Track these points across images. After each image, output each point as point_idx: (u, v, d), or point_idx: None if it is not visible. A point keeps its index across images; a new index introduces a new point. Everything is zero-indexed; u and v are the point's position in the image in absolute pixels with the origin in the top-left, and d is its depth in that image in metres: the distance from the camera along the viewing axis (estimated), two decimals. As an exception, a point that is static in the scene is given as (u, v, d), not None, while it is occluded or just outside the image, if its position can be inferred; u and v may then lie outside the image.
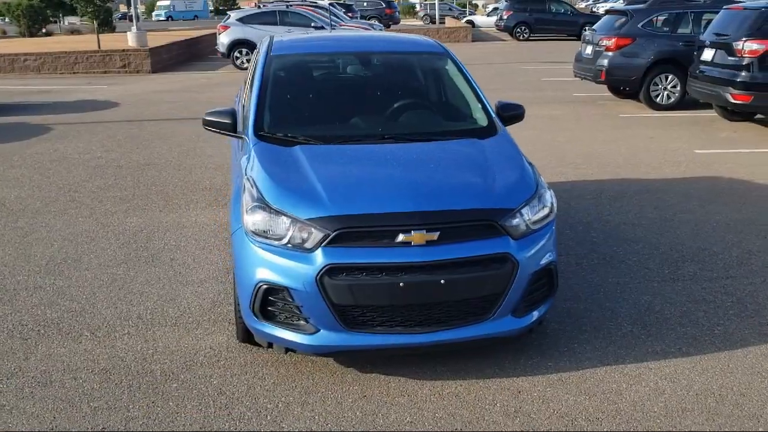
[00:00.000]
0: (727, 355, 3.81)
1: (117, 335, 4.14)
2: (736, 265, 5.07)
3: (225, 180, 7.63)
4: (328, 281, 3.32)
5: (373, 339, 3.43)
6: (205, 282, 4.89)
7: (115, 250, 5.54)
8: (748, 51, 9.34)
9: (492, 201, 3.54)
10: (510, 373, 3.66)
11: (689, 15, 12.11)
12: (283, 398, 3.46)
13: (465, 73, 4.76)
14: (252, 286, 3.48)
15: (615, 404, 3.37)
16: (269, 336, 3.55)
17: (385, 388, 3.54)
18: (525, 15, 29.53)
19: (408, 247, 3.37)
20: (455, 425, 3.22)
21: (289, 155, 3.85)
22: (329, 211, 3.40)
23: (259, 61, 4.60)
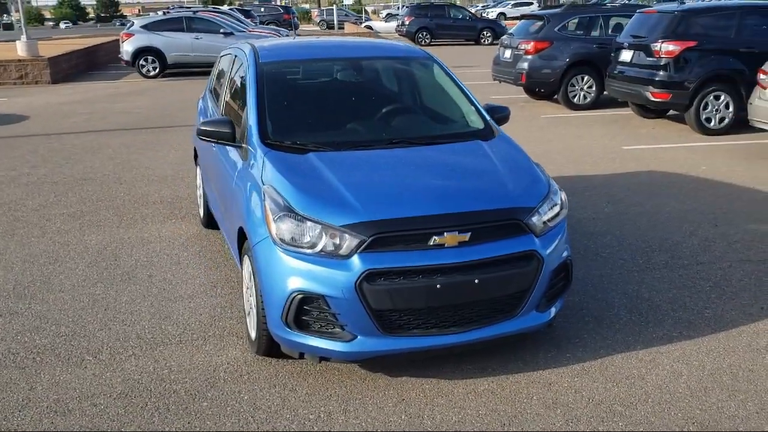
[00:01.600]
0: (724, 336, 4.08)
1: (122, 357, 3.96)
2: (701, 252, 5.42)
3: (173, 193, 7.43)
4: (366, 287, 3.32)
5: (410, 342, 3.45)
6: (195, 297, 4.75)
7: (84, 270, 5.28)
8: (665, 52, 9.95)
9: (515, 200, 3.65)
10: (534, 367, 3.77)
11: (600, 19, 12.75)
12: (323, 408, 3.43)
13: (453, 77, 4.86)
14: (285, 296, 3.43)
15: (642, 389, 3.54)
16: (302, 346, 3.50)
17: (421, 390, 3.57)
18: (426, 21, 30.12)
19: (442, 249, 3.42)
20: (502, 421, 3.30)
21: (305, 162, 3.82)
22: (363, 216, 3.40)
23: (248, 69, 4.51)
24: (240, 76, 4.78)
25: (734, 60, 9.86)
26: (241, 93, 4.64)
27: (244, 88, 4.50)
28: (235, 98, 4.90)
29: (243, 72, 4.66)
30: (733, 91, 9.89)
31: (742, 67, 9.83)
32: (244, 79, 4.54)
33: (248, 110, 4.24)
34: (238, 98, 4.75)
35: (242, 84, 4.61)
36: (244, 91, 4.48)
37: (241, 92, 4.60)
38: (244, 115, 4.28)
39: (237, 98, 4.81)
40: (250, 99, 4.28)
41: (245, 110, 4.29)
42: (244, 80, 4.56)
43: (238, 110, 4.58)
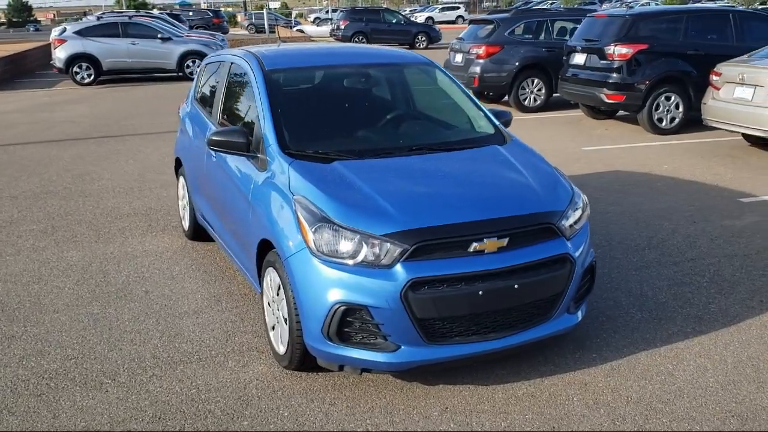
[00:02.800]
0: (735, 330, 4.23)
1: (143, 378, 3.81)
2: (687, 249, 5.61)
3: (144, 204, 7.20)
4: (411, 296, 3.30)
5: (453, 350, 3.45)
6: (201, 312, 4.61)
7: (74, 288, 5.06)
8: (618, 55, 10.26)
9: (546, 204, 3.69)
10: (565, 369, 3.83)
11: (548, 23, 13.05)
12: (369, 420, 3.39)
13: (456, 82, 4.89)
14: (326, 309, 3.37)
15: (674, 385, 3.64)
16: (344, 358, 3.45)
17: (461, 397, 3.57)
18: (362, 25, 30.16)
19: (482, 256, 3.43)
20: (550, 424, 3.33)
21: (333, 172, 3.76)
22: (404, 225, 3.38)
23: (255, 78, 4.41)
24: (243, 84, 4.66)
25: (683, 62, 10.26)
26: (247, 102, 4.53)
27: (252, 97, 4.39)
28: (238, 107, 4.78)
29: (247, 80, 4.55)
30: (683, 92, 10.29)
31: (690, 69, 10.24)
32: (251, 88, 4.43)
33: (262, 120, 4.14)
34: (243, 107, 4.64)
35: (248, 93, 4.50)
36: (252, 100, 4.38)
37: (248, 101, 4.49)
38: (257, 125, 4.18)
39: (241, 107, 4.69)
40: (263, 108, 4.18)
41: (258, 120, 4.19)
42: (250, 89, 4.46)
43: (245, 120, 4.47)
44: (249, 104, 4.50)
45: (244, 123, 4.47)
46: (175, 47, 19.09)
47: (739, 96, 8.43)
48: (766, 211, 6.54)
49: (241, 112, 4.71)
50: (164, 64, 19.15)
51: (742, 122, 8.42)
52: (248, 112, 4.49)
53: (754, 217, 6.39)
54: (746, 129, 8.44)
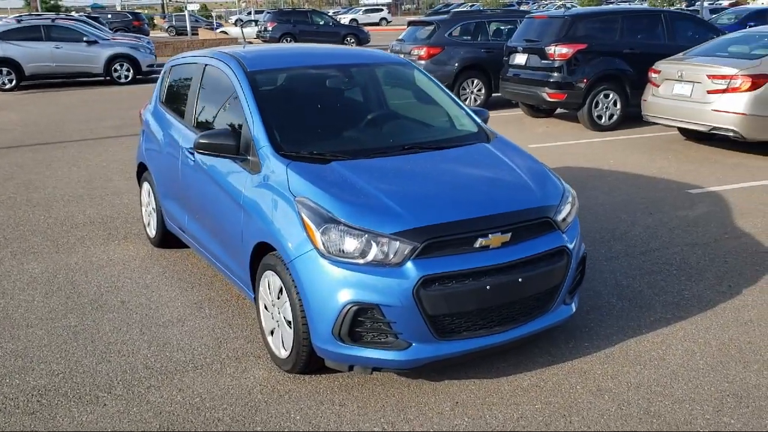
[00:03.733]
0: (711, 314, 4.44)
1: (140, 390, 3.71)
2: (650, 239, 5.84)
3: (98, 213, 6.99)
4: (423, 293, 3.33)
5: (462, 345, 3.50)
6: (185, 320, 4.51)
7: (43, 301, 4.86)
8: (558, 54, 10.57)
9: (542, 199, 3.79)
10: (562, 358, 3.93)
11: (486, 24, 13.31)
12: (383, 419, 3.40)
13: (435, 81, 4.94)
14: (337, 309, 3.36)
15: (668, 368, 3.80)
16: (355, 359, 3.45)
17: (469, 391, 3.62)
18: (290, 26, 29.96)
19: (487, 251, 3.49)
20: (561, 412, 3.42)
21: (333, 172, 3.75)
22: (412, 223, 3.40)
23: (238, 79, 4.34)
24: (222, 86, 4.58)
25: (620, 61, 10.65)
26: (229, 104, 4.45)
27: (235, 100, 4.32)
28: (217, 110, 4.69)
29: (228, 82, 4.47)
30: (620, 89, 10.68)
31: (626, 68, 10.65)
32: (234, 90, 4.36)
33: (251, 122, 4.08)
34: (224, 110, 4.55)
35: (229, 95, 4.43)
36: (236, 103, 4.31)
37: (230, 104, 4.42)
38: (245, 127, 4.12)
39: (222, 110, 4.61)
40: (250, 110, 4.12)
41: (246, 122, 4.13)
42: (232, 91, 4.38)
43: (228, 123, 4.40)
44: (231, 106, 4.43)
45: (228, 125, 4.39)
46: (102, 51, 18.49)
47: (678, 92, 8.82)
48: (714, 202, 6.87)
49: (221, 114, 4.62)
50: (90, 68, 18.53)
51: (682, 117, 8.82)
52: (231, 114, 4.42)
53: (704, 207, 6.70)
54: (686, 124, 8.84)
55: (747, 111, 8.08)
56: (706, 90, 8.42)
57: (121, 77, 18.76)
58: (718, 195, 7.10)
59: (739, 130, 8.18)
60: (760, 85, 8.03)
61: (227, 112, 4.54)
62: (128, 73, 18.81)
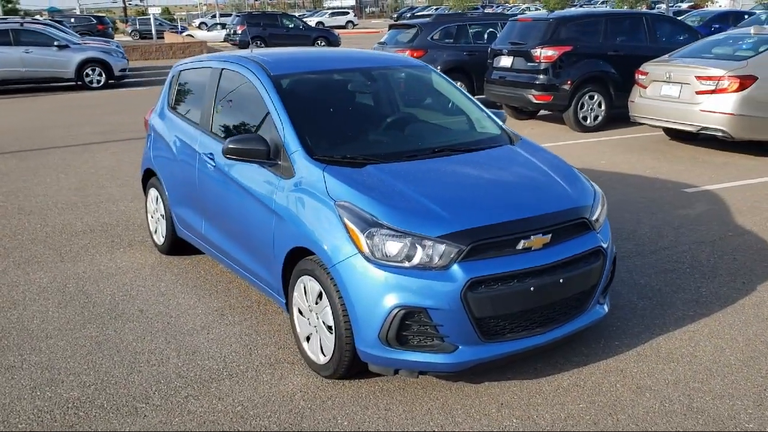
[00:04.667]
0: (731, 310, 4.53)
1: (179, 399, 3.65)
2: (658, 238, 5.93)
3: (97, 220, 6.86)
4: (470, 296, 3.34)
5: (506, 347, 3.51)
6: (209, 328, 4.46)
7: (58, 311, 4.76)
8: (544, 57, 10.69)
9: (577, 200, 3.83)
10: (596, 358, 3.97)
11: (468, 27, 13.40)
12: (431, 422, 3.40)
13: (454, 85, 4.96)
14: (384, 313, 3.35)
15: (701, 365, 3.86)
16: (401, 362, 3.44)
17: (512, 393, 3.63)
18: (260, 30, 29.78)
19: (530, 252, 3.52)
20: (606, 411, 3.46)
21: (370, 176, 3.74)
22: (457, 226, 3.41)
23: (262, 84, 4.30)
24: (244, 91, 4.54)
25: (604, 63, 10.82)
26: (253, 109, 4.41)
27: (260, 104, 4.28)
28: (240, 115, 4.64)
29: (251, 87, 4.43)
30: (605, 91, 10.85)
31: (610, 69, 10.82)
32: (257, 95, 4.32)
33: (280, 127, 4.05)
34: (248, 115, 4.51)
35: (253, 100, 4.38)
36: (261, 107, 4.27)
37: (254, 108, 4.37)
38: (274, 132, 4.08)
39: (245, 115, 4.56)
40: (279, 115, 4.09)
41: (275, 127, 4.09)
42: (256, 96, 4.34)
43: (253, 127, 4.36)
44: (255, 111, 4.39)
45: (253, 130, 4.35)
46: (73, 55, 18.17)
47: (667, 93, 8.99)
48: (711, 200, 7.01)
49: (243, 119, 4.57)
50: (61, 73, 18.20)
51: (671, 118, 8.98)
52: (254, 119, 4.38)
53: (703, 206, 6.83)
54: (674, 124, 9.00)
55: (735, 111, 8.26)
56: (695, 91, 8.59)
57: (93, 82, 18.46)
58: (713, 193, 7.25)
59: (728, 129, 8.36)
60: (748, 86, 8.22)
61: (250, 117, 4.49)
62: (100, 77, 18.51)
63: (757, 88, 8.23)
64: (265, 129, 4.21)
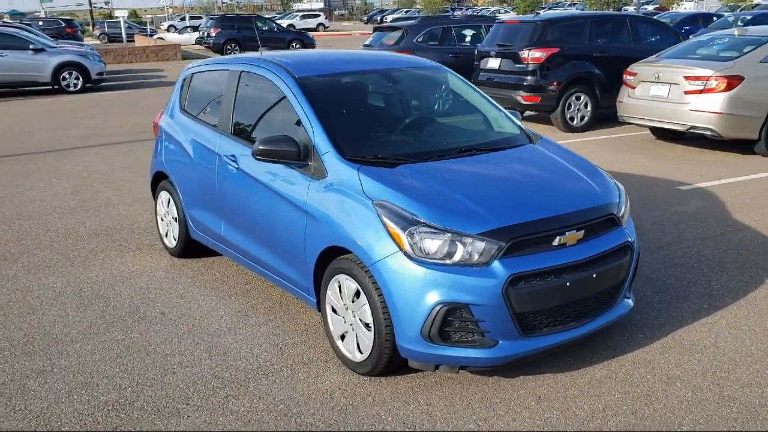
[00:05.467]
0: (744, 302, 4.68)
1: (220, 399, 3.67)
2: (661, 235, 6.08)
3: (100, 224, 6.82)
4: (511, 291, 3.42)
5: (543, 341, 3.60)
6: (236, 329, 4.48)
7: (79, 316, 4.74)
8: (532, 58, 10.85)
9: (605, 197, 3.94)
10: (623, 351, 4.08)
11: (452, 30, 13.53)
12: (473, 416, 3.47)
13: (469, 84, 5.05)
14: (427, 310, 3.42)
15: (724, 355, 3.99)
16: (443, 358, 3.51)
17: (548, 386, 3.72)
18: (234, 32, 29.65)
19: (564, 248, 3.61)
20: (642, 401, 3.56)
21: (405, 175, 3.80)
22: (496, 223, 3.49)
23: (287, 85, 4.34)
24: (267, 93, 4.57)
25: (590, 64, 11.02)
26: (278, 111, 4.45)
27: (285, 106, 4.33)
28: (263, 117, 4.67)
29: (274, 89, 4.46)
30: (591, 91, 11.05)
31: (596, 70, 11.02)
32: (282, 97, 4.36)
33: (309, 128, 4.09)
34: (273, 117, 4.55)
35: (277, 101, 4.42)
36: (287, 109, 4.31)
37: (279, 110, 4.41)
38: (303, 133, 4.12)
39: (269, 117, 4.59)
40: (307, 116, 4.13)
41: (304, 128, 4.13)
42: (281, 97, 4.38)
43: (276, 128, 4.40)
44: (280, 113, 4.43)
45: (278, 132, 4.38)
46: (50, 59, 17.91)
47: (655, 94, 9.19)
48: (705, 197, 7.19)
49: (267, 121, 4.60)
50: (37, 76, 17.92)
51: (660, 118, 9.19)
52: (281, 121, 4.42)
53: (698, 202, 7.01)
54: (663, 124, 9.21)
55: (723, 110, 8.49)
56: (684, 91, 8.80)
57: (70, 86, 18.21)
58: (706, 191, 7.44)
59: (716, 128, 8.58)
60: (735, 86, 8.45)
61: (274, 119, 4.53)
62: (77, 81, 18.27)
63: (744, 88, 8.46)
64: (291, 130, 4.24)
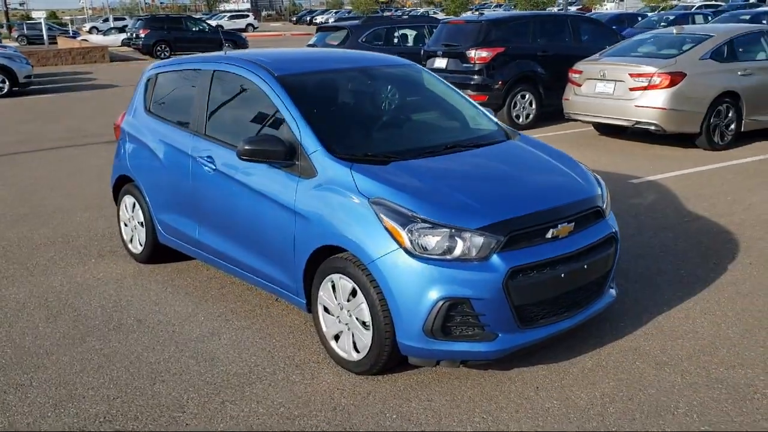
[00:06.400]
0: (714, 288, 4.86)
1: (216, 405, 3.59)
2: (623, 226, 6.21)
3: (54, 232, 6.59)
4: (511, 284, 3.46)
5: (539, 332, 3.66)
6: (219, 334, 4.38)
7: (50, 326, 4.55)
8: (479, 58, 11.01)
9: (590, 189, 4.03)
10: (609, 339, 4.18)
11: (396, 30, 13.60)
12: (476, 409, 3.49)
13: (444, 82, 5.08)
14: (429, 306, 3.43)
15: (704, 339, 4.14)
16: (444, 353, 3.52)
17: (543, 377, 3.78)
18: (164, 33, 29.00)
19: (557, 241, 3.68)
20: (635, 387, 3.66)
21: (398, 172, 3.79)
22: (494, 217, 3.53)
23: (267, 84, 4.27)
24: (244, 92, 4.49)
25: (533, 63, 11.25)
26: (256, 110, 4.38)
27: (266, 105, 4.26)
28: (241, 117, 4.59)
29: (253, 87, 4.39)
30: (535, 90, 11.28)
31: (539, 69, 11.26)
32: (262, 96, 4.29)
33: (295, 126, 4.03)
34: (251, 116, 4.47)
35: (257, 101, 4.36)
36: (267, 108, 4.25)
37: (258, 109, 4.35)
38: (288, 132, 4.07)
39: (247, 116, 4.51)
40: (292, 115, 4.08)
41: (289, 127, 4.07)
42: (260, 96, 4.31)
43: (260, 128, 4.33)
44: (259, 112, 4.36)
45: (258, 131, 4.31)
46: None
47: (601, 91, 9.46)
48: (657, 190, 7.45)
49: (246, 120, 4.52)
50: (-41, 80, 17.11)
51: (606, 114, 9.46)
52: (260, 120, 4.35)
53: (652, 195, 7.26)
54: (610, 120, 9.48)
55: (667, 106, 8.81)
56: (629, 87, 9.09)
57: (-6, 89, 17.45)
58: (657, 183, 7.70)
59: (661, 123, 8.90)
60: (678, 82, 8.78)
61: (253, 118, 4.46)
62: (3, 85, 17.53)
63: (686, 84, 8.80)
64: (272, 129, 4.18)
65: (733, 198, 7.04)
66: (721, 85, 9.02)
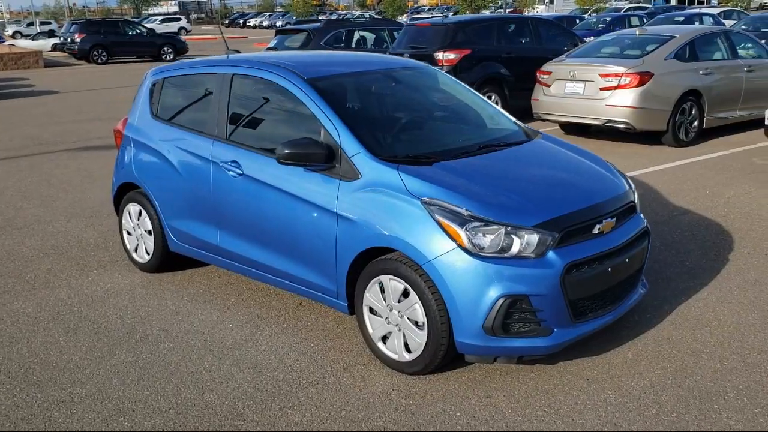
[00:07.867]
0: (722, 278, 5.08)
1: (276, 412, 3.55)
2: (617, 222, 6.46)
3: (45, 244, 6.37)
4: (567, 280, 3.55)
5: (589, 326, 3.76)
6: (254, 341, 4.33)
7: (72, 340, 4.41)
8: (446, 60, 11.14)
9: (623, 185, 4.16)
10: (641, 330, 4.31)
11: (355, 32, 13.62)
12: (536, 403, 3.56)
13: (460, 84, 5.14)
14: (489, 303, 3.48)
15: (730, 326, 4.32)
16: (503, 350, 3.58)
17: (589, 368, 3.88)
18: (100, 37, 28.22)
19: (603, 236, 3.80)
20: (681, 374, 3.79)
21: (445, 173, 3.82)
22: (548, 215, 3.61)
23: (300, 88, 4.24)
24: (271, 95, 4.45)
25: (498, 64, 11.46)
26: (286, 113, 4.35)
27: (296, 108, 4.24)
28: (270, 120, 4.54)
29: (280, 91, 4.36)
30: (501, 91, 11.49)
31: (504, 71, 11.48)
32: (293, 98, 4.26)
33: (333, 130, 4.01)
34: (280, 120, 4.43)
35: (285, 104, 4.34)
36: (299, 111, 4.22)
37: (288, 112, 4.32)
38: (325, 135, 4.05)
39: (276, 120, 4.47)
40: (329, 118, 4.06)
41: (324, 130, 4.05)
42: (290, 99, 4.29)
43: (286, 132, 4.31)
44: (288, 115, 4.33)
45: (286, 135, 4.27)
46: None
47: (571, 91, 9.72)
48: (639, 185, 7.70)
49: (275, 124, 4.48)
50: None
51: (577, 113, 9.72)
52: (290, 123, 4.34)
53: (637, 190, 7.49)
54: (581, 119, 9.75)
55: (636, 104, 9.12)
56: (599, 87, 9.37)
57: (-69, 97, 16.62)
58: (637, 180, 7.96)
59: (631, 121, 9.21)
60: (646, 81, 9.10)
61: (281, 122, 4.43)
62: (-61, 92, 16.71)
63: (653, 83, 9.13)
64: (307, 133, 4.15)
65: (711, 192, 7.34)
66: (685, 83, 9.39)
